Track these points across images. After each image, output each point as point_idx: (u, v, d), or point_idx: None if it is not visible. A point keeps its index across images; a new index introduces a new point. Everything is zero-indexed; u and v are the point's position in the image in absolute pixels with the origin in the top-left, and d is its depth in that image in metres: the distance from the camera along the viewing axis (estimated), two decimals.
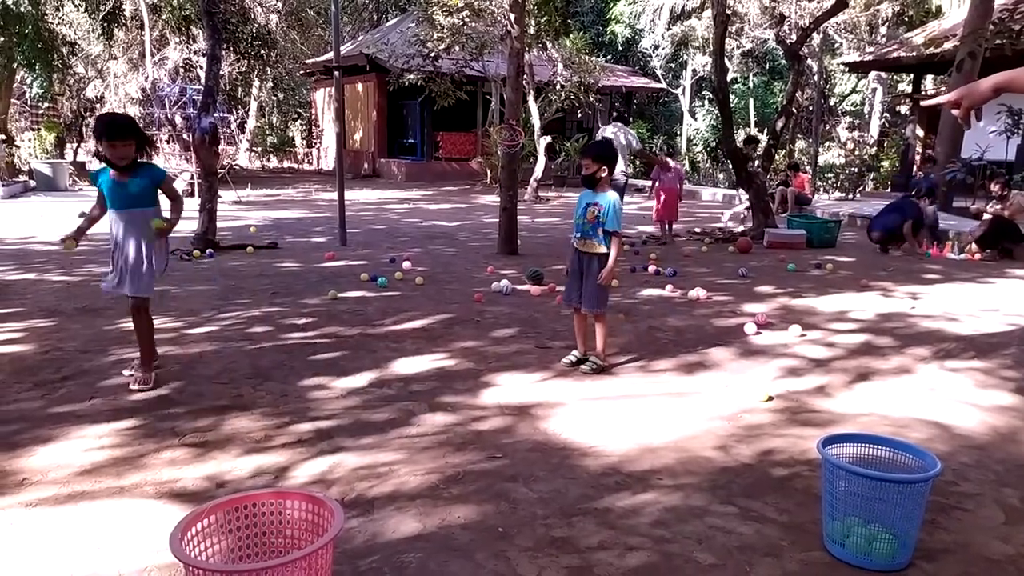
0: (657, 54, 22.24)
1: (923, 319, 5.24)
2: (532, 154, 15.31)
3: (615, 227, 3.71)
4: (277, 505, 2.02)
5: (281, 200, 13.52)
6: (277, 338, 4.41)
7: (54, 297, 5.39)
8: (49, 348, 4.13)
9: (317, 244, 8.30)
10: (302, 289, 5.81)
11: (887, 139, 18.47)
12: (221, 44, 8.29)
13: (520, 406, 3.39)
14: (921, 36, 14.53)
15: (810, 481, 2.68)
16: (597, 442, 3.00)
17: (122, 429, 3.04)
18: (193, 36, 17.13)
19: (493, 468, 2.76)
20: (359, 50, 18.47)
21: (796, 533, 2.35)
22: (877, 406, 3.49)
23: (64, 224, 9.42)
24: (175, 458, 2.79)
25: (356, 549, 2.21)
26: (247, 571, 1.86)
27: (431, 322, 4.86)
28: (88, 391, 3.47)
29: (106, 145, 3.34)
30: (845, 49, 20.25)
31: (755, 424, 3.24)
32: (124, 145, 3.34)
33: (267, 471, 2.70)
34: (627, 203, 14.56)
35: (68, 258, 7.02)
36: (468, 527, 2.35)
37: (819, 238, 8.80)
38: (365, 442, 2.96)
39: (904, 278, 6.85)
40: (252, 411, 3.25)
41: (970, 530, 2.39)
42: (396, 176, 19.13)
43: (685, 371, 3.96)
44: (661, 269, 6.79)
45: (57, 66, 16.07)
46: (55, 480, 2.60)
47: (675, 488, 2.63)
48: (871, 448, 2.40)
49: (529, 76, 14.40)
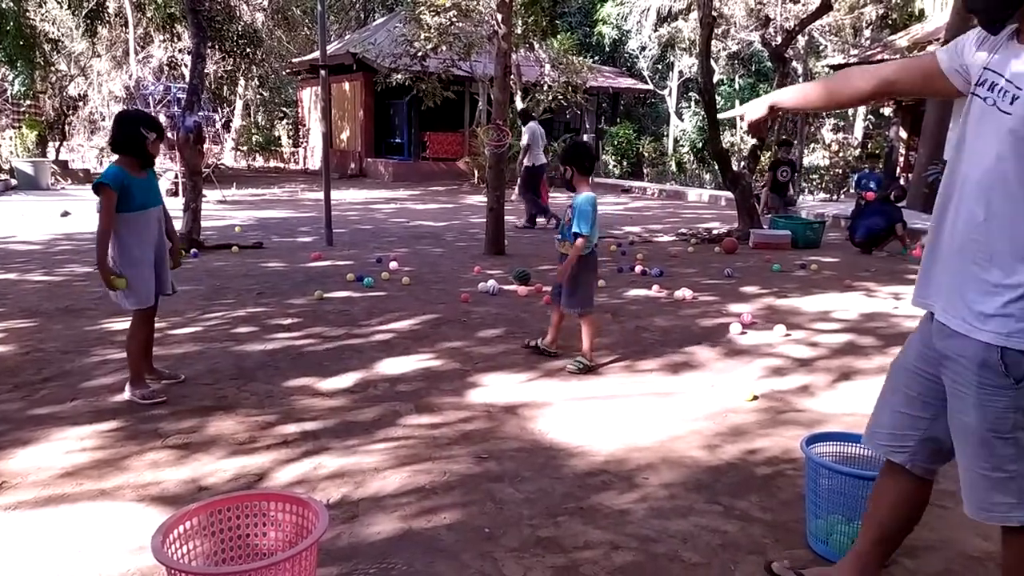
0: (644, 55, 22.33)
1: (906, 319, 5.30)
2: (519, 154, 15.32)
3: (577, 228, 3.84)
4: (260, 507, 2.00)
5: (267, 200, 13.43)
6: (262, 338, 4.38)
7: (35, 297, 5.32)
8: (30, 349, 4.08)
9: (303, 244, 8.25)
10: (288, 289, 5.78)
11: (871, 141, 18.69)
12: (206, 42, 8.22)
13: (506, 406, 3.39)
14: (905, 39, 14.71)
15: (794, 480, 2.71)
16: (583, 442, 3.01)
17: (104, 431, 3.01)
18: (178, 34, 16.97)
19: (479, 468, 2.76)
20: (346, 49, 18.38)
21: (780, 531, 2.37)
22: (860, 405, 3.52)
23: (45, 223, 9.30)
24: (158, 460, 2.76)
25: (341, 551, 2.20)
26: (230, 574, 1.84)
27: (417, 322, 4.85)
28: (70, 392, 3.42)
29: (154, 142, 3.30)
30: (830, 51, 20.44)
31: (740, 423, 3.26)
32: (158, 140, 3.34)
33: (251, 472, 2.68)
34: (613, 204, 14.66)
35: (50, 258, 6.93)
36: (454, 528, 2.34)
37: (804, 239, 8.88)
38: (350, 443, 2.95)
39: (887, 278, 6.93)
40: (236, 412, 3.23)
41: (951, 527, 2.42)
42: (383, 176, 19.06)
43: (671, 371, 3.98)
44: (647, 269, 6.82)
45: (39, 63, 15.85)
46: (35, 483, 2.57)
47: (661, 487, 2.64)
48: (854, 447, 2.42)
49: (516, 76, 14.42)
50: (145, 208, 3.32)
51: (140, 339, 3.42)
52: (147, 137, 3.26)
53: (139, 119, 3.35)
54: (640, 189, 17.33)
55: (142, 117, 3.39)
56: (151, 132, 3.28)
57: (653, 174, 20.00)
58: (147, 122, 3.32)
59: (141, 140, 3.25)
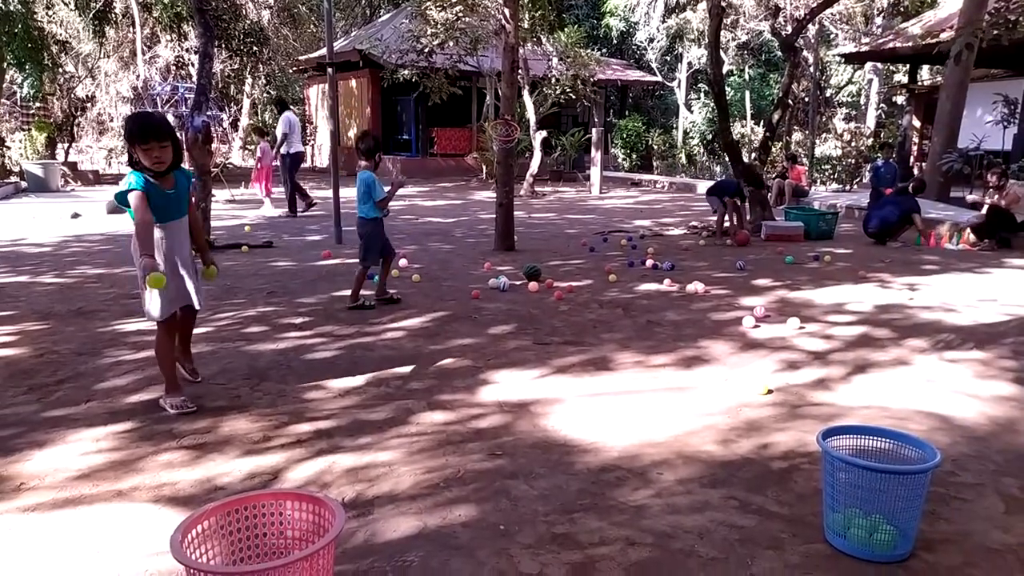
0: (652, 47, 22.19)
1: (921, 310, 5.24)
2: (528, 149, 15.29)
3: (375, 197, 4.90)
4: (277, 506, 2.00)
5: (276, 198, 13.45)
6: (274, 338, 4.39)
7: (48, 299, 5.36)
8: (44, 351, 4.11)
9: (313, 243, 8.27)
10: (298, 288, 5.79)
11: (884, 130, 18.48)
12: (213, 41, 8.23)
13: (519, 403, 3.38)
14: (917, 26, 14.50)
15: (810, 474, 2.68)
16: (597, 438, 3.00)
17: (119, 432, 3.02)
18: (184, 33, 17.03)
19: (493, 466, 2.75)
20: (352, 46, 18.37)
21: (797, 526, 2.34)
22: (876, 398, 3.49)
23: (56, 225, 9.37)
24: (173, 460, 2.77)
25: (357, 549, 2.20)
26: (249, 572, 1.84)
27: (428, 320, 4.85)
28: (84, 394, 3.44)
29: (142, 149, 2.96)
30: (841, 40, 20.23)
31: (755, 417, 3.23)
32: (162, 148, 2.99)
33: (266, 472, 2.68)
34: (623, 197, 14.60)
35: (61, 260, 6.98)
36: (469, 525, 2.34)
37: (817, 230, 8.81)
38: (364, 441, 2.95)
39: (902, 269, 6.85)
40: (250, 412, 3.24)
41: (970, 520, 2.39)
42: (391, 173, 19.08)
43: (684, 365, 3.96)
44: (659, 263, 6.79)
45: (47, 65, 15.93)
46: (52, 485, 2.58)
47: (676, 483, 2.63)
48: (871, 440, 2.40)
49: (524, 71, 14.36)
50: (166, 221, 3.13)
51: (167, 348, 3.28)
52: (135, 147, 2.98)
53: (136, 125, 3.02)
54: (650, 182, 17.25)
55: (140, 122, 3.06)
56: (137, 141, 2.95)
57: (663, 167, 19.89)
58: (143, 128, 2.98)
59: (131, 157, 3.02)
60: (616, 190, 16.22)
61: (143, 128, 2.99)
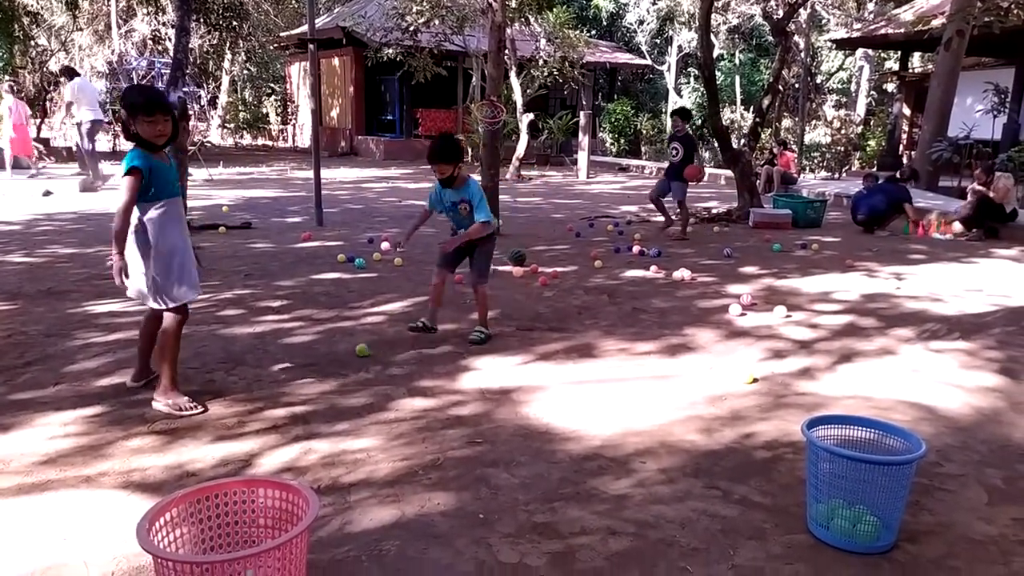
0: (642, 29, 22.02)
1: (907, 299, 5.24)
2: (514, 132, 15.12)
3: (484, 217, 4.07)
4: (248, 493, 1.95)
5: (255, 178, 13.22)
6: (250, 321, 4.29)
7: (16, 279, 5.20)
8: (11, 332, 3.98)
9: (292, 224, 8.12)
10: (276, 271, 5.68)
11: (874, 118, 18.52)
12: (191, 15, 8.00)
13: (501, 390, 3.33)
14: (909, 13, 14.46)
15: (794, 464, 2.66)
16: (579, 426, 2.95)
17: (88, 416, 2.93)
18: (162, 7, 16.57)
19: (473, 453, 2.70)
20: (335, 23, 18.00)
21: (780, 516, 2.32)
22: (861, 388, 3.47)
23: (26, 203, 9.12)
24: (143, 446, 2.69)
25: (332, 537, 2.15)
26: (219, 562, 1.78)
27: (410, 304, 4.77)
28: (52, 377, 3.34)
29: (147, 121, 2.86)
30: (832, 25, 20.18)
31: (739, 407, 3.20)
32: (165, 121, 2.91)
33: (239, 458, 2.61)
34: (611, 182, 14.53)
35: (31, 239, 6.79)
36: (448, 514, 2.29)
37: (805, 218, 8.80)
38: (341, 427, 2.88)
39: (889, 258, 6.87)
40: (224, 397, 3.15)
41: (954, 511, 2.38)
42: (374, 154, 18.82)
43: (668, 353, 3.92)
44: (645, 250, 6.74)
45: (19, 37, 15.46)
46: (18, 469, 2.50)
47: (658, 472, 2.59)
48: (856, 430, 2.38)
49: (511, 51, 14.16)
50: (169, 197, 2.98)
51: (176, 339, 3.05)
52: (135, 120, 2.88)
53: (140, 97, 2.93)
54: (638, 167, 17.18)
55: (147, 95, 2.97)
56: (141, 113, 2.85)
57: (651, 152, 19.79)
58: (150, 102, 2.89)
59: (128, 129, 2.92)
60: (604, 175, 16.13)
61: (150, 101, 2.92)
